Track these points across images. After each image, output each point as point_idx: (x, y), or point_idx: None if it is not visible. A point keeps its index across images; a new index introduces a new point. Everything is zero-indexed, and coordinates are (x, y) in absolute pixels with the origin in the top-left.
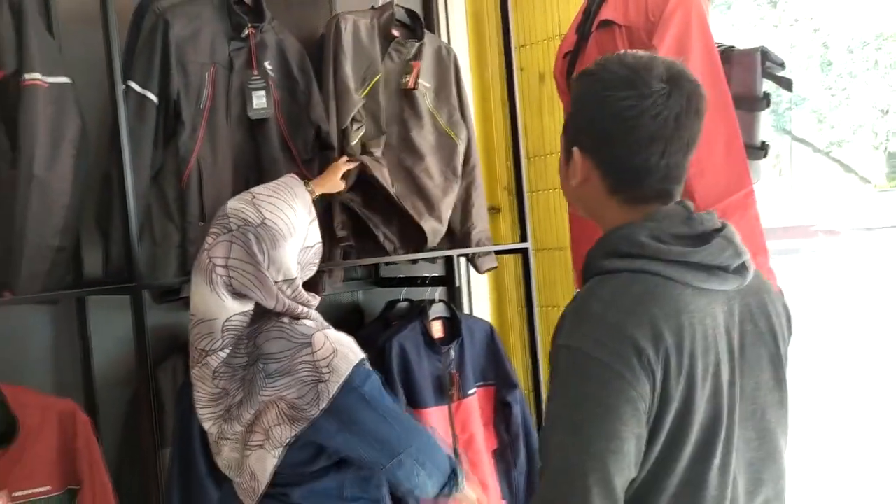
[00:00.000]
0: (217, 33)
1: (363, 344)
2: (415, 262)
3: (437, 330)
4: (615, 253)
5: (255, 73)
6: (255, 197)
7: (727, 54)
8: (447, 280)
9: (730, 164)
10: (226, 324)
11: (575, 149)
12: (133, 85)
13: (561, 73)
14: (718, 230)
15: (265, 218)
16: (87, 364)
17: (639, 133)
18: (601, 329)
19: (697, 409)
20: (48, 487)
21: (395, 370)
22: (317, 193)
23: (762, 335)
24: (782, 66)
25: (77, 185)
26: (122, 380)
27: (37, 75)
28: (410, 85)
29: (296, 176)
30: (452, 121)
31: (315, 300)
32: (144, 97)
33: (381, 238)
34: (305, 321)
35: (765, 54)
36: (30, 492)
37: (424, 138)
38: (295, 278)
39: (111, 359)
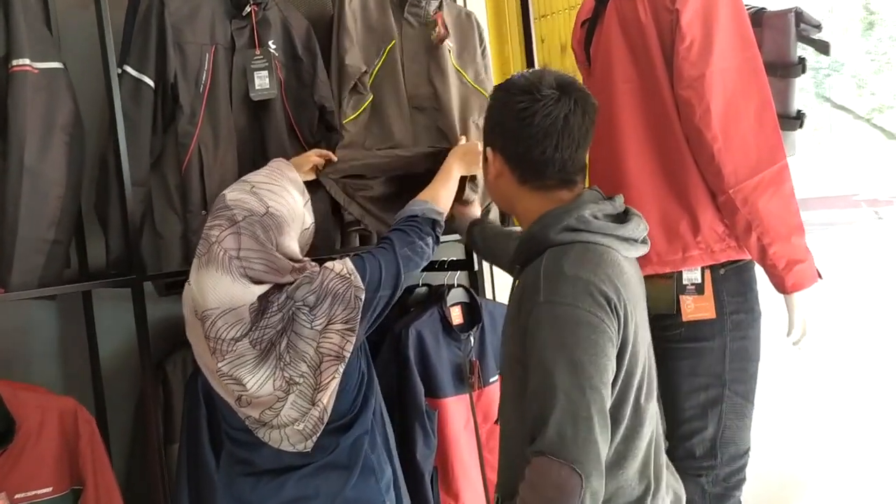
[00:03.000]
0: (217, 12)
1: (379, 330)
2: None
3: (456, 316)
4: (566, 228)
5: (258, 52)
6: (253, 186)
7: (758, 16)
8: (467, 264)
9: (761, 137)
10: (251, 306)
11: (489, 148)
12: (128, 69)
13: (579, 42)
14: (627, 210)
15: (269, 206)
16: (94, 358)
17: (534, 129)
18: (578, 286)
19: (640, 350)
20: (50, 489)
21: (413, 358)
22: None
23: (642, 295)
24: (818, 27)
25: (72, 174)
26: (131, 373)
27: (26, 61)
28: (441, 33)
29: (284, 160)
30: (479, 79)
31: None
32: (140, 81)
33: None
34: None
35: (799, 15)
36: (32, 493)
37: (451, 95)
38: (302, 260)
39: (119, 352)
